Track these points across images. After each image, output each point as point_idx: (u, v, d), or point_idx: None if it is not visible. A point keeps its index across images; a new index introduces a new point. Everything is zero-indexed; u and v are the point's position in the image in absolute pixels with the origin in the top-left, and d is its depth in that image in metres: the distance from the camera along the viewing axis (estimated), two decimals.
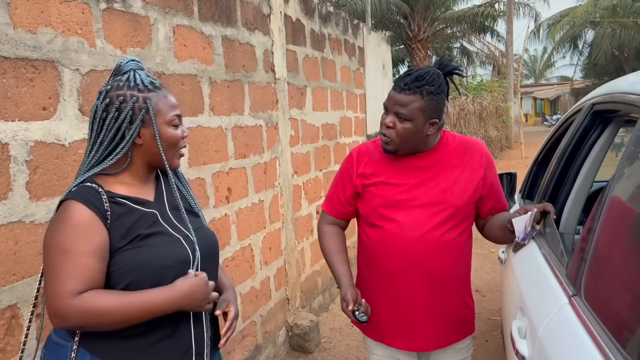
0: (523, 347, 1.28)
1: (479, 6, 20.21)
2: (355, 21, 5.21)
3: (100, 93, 1.34)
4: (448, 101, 1.84)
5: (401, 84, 1.70)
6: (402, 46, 20.51)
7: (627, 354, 0.89)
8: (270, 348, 3.38)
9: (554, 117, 32.56)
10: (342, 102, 4.73)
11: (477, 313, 1.92)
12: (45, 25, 1.73)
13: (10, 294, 1.60)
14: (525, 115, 31.09)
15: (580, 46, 28.36)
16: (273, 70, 3.39)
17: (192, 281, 1.30)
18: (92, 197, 1.28)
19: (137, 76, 1.35)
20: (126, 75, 1.35)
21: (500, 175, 3.00)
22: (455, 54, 24.45)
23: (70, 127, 1.81)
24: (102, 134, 1.32)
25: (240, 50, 2.99)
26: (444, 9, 20.33)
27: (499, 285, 3.99)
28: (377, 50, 5.89)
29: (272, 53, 3.38)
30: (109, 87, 1.34)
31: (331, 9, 4.52)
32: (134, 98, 1.31)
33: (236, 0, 2.94)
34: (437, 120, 1.72)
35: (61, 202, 1.29)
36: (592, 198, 2.33)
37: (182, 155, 1.44)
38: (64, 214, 1.25)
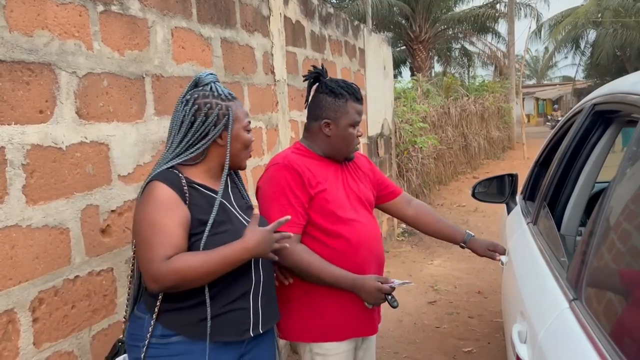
0: (523, 351, 1.26)
1: (480, 7, 20.21)
2: (356, 22, 5.20)
3: (187, 101, 1.58)
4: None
5: (357, 96, 1.93)
6: (404, 47, 20.51)
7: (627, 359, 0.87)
8: None
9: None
10: None
11: (479, 315, 1.91)
12: (41, 28, 1.72)
13: (7, 299, 1.58)
14: (528, 116, 31.03)
15: (582, 46, 28.29)
16: (273, 72, 3.38)
17: (259, 232, 1.53)
18: (173, 179, 1.52)
19: (217, 88, 1.61)
20: (208, 87, 1.60)
21: (502, 177, 2.99)
22: (456, 54, 24.43)
23: (67, 130, 1.80)
24: (189, 134, 1.57)
25: (240, 52, 2.98)
26: (445, 9, 20.33)
27: (500, 286, 3.98)
28: (377, 52, 5.88)
29: (272, 55, 3.36)
30: (195, 95, 1.58)
31: (331, 10, 4.51)
32: (219, 106, 1.58)
33: (235, 2, 2.93)
34: None
35: (146, 184, 1.53)
36: (594, 199, 2.31)
37: (250, 156, 1.71)
38: (150, 192, 1.49)
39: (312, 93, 2.03)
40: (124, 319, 1.70)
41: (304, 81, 2.05)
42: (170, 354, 1.53)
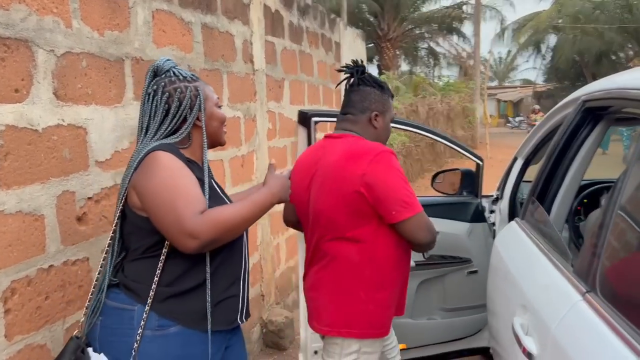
0: (530, 343, 1.26)
1: (447, 7, 20.51)
2: (333, 16, 5.16)
3: (154, 91, 1.52)
4: None
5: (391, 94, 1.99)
6: (372, 45, 20.62)
7: None
8: None
9: (517, 119, 33.26)
10: (318, 97, 4.68)
11: None
12: (18, 2, 1.61)
13: None
14: (491, 117, 31.69)
15: (543, 50, 29.02)
16: (252, 61, 3.31)
17: (281, 178, 1.58)
18: (174, 150, 1.48)
19: (180, 71, 1.57)
20: (170, 72, 1.55)
21: (459, 171, 3.09)
22: (422, 54, 24.71)
23: (44, 111, 1.70)
24: (167, 122, 1.52)
25: (220, 39, 2.89)
26: (413, 9, 20.54)
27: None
28: (352, 46, 5.86)
29: (251, 43, 3.29)
30: (162, 83, 1.53)
31: (309, 1, 4.46)
32: (189, 88, 1.54)
33: None
34: None
35: (145, 155, 1.44)
36: (581, 197, 2.35)
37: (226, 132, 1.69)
38: (157, 161, 1.42)
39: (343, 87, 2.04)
40: (84, 313, 1.53)
41: (345, 73, 2.02)
42: (166, 347, 1.44)
